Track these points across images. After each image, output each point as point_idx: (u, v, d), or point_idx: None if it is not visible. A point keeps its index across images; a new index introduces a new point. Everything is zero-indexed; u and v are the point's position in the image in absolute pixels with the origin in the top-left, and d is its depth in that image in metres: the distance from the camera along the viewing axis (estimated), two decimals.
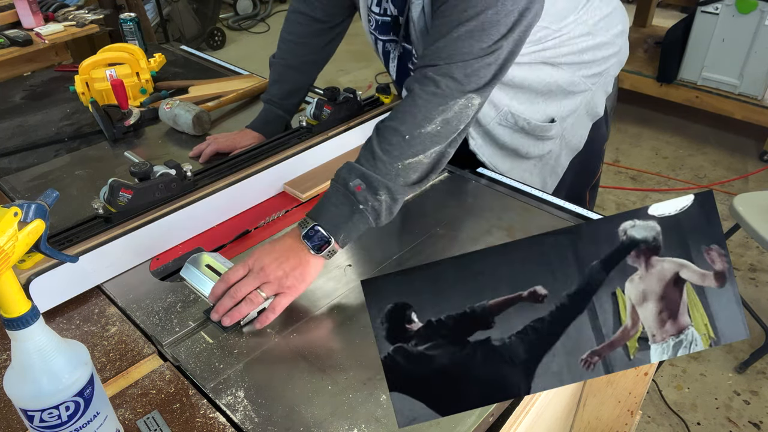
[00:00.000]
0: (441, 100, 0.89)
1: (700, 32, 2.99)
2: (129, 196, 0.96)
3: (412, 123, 0.89)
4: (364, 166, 0.89)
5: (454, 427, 0.71)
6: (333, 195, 0.90)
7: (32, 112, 1.57)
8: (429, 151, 0.90)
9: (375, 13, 1.15)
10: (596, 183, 1.45)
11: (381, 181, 0.88)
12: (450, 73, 0.88)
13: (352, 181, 0.88)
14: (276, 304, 0.86)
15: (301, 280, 0.87)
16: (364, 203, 0.88)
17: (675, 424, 1.81)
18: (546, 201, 1.13)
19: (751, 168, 3.02)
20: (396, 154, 0.89)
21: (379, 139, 0.91)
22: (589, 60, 1.18)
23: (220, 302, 0.86)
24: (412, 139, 0.89)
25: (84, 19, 2.33)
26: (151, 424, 0.73)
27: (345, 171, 0.90)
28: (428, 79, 0.89)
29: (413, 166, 0.90)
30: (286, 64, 1.32)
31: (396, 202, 0.90)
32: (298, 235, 0.89)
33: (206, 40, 4.70)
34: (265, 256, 0.87)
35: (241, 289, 0.85)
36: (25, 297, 0.58)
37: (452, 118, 0.90)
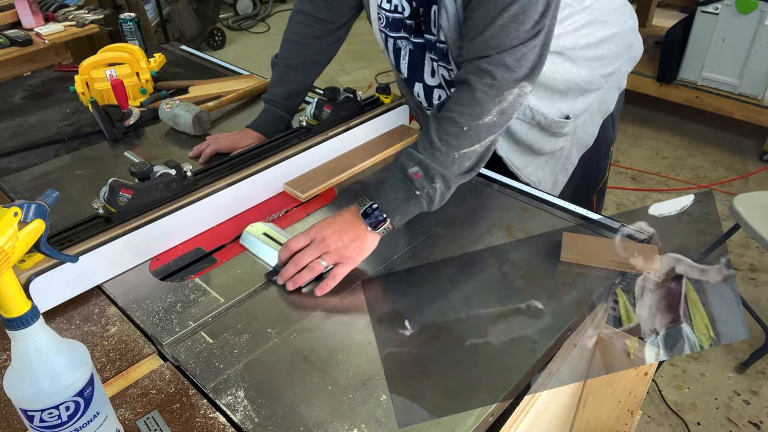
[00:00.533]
0: (497, 91, 0.93)
1: (700, 32, 2.99)
2: (129, 196, 0.96)
3: (471, 115, 0.93)
4: (422, 154, 0.94)
5: (454, 427, 0.71)
6: (391, 178, 0.96)
7: (32, 112, 1.57)
8: (484, 140, 0.96)
9: (385, 10, 1.15)
10: (603, 187, 1.45)
11: (437, 169, 0.94)
12: (502, 61, 0.92)
13: (410, 168, 0.94)
14: (336, 273, 0.92)
15: (358, 252, 0.93)
16: (421, 190, 0.94)
17: (675, 424, 1.81)
18: (546, 201, 1.14)
19: (751, 168, 3.02)
20: (454, 144, 0.94)
21: (438, 128, 0.95)
22: (605, 55, 1.19)
23: (285, 269, 0.93)
24: (470, 131, 0.94)
25: (84, 19, 2.33)
26: (151, 424, 0.73)
27: (404, 157, 0.96)
28: (483, 71, 0.93)
29: (468, 155, 0.95)
30: (290, 64, 1.32)
31: (449, 190, 0.97)
32: (356, 212, 0.95)
33: (206, 40, 4.70)
34: (325, 229, 0.94)
35: (304, 258, 0.92)
36: (25, 297, 0.58)
37: (507, 108, 0.95)
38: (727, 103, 3.05)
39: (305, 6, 1.29)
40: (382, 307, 0.90)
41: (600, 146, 1.34)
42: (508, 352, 0.81)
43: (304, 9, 1.29)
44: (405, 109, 1.36)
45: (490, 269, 0.96)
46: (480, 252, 1.00)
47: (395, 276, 0.96)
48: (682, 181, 2.95)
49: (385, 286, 0.94)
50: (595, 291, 0.92)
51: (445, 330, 0.85)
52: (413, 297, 0.91)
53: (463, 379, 0.77)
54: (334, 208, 1.13)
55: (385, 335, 0.84)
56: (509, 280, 0.94)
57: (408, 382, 0.77)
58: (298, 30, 1.30)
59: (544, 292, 0.91)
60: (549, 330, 0.85)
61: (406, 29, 1.15)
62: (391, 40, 1.19)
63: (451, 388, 0.76)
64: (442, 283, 0.94)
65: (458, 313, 0.88)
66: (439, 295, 0.91)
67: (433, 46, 1.11)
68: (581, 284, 0.93)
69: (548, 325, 0.86)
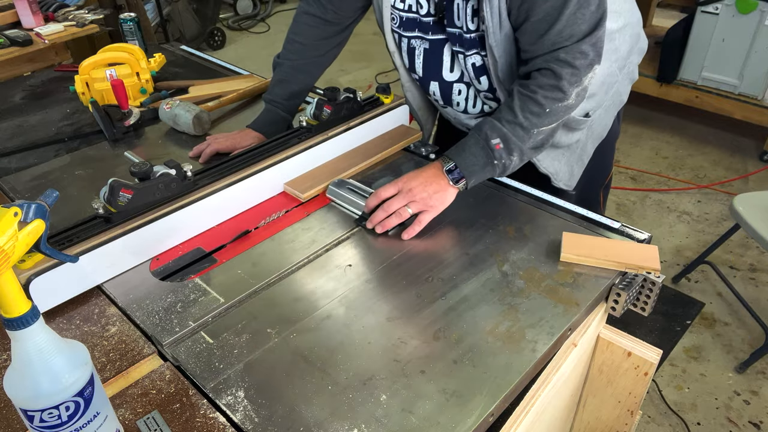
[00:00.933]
0: (577, 78, 1.01)
1: (700, 32, 2.99)
2: (129, 196, 0.96)
3: (553, 99, 1.02)
4: (506, 128, 1.03)
5: (454, 427, 0.71)
6: (473, 145, 1.05)
7: (32, 112, 1.57)
8: (560, 120, 1.05)
9: (399, 9, 1.15)
10: (608, 182, 1.46)
11: (517, 144, 1.03)
12: (579, 49, 1.00)
13: (493, 139, 1.03)
14: (421, 219, 1.03)
15: (441, 202, 1.05)
16: (499, 160, 1.04)
17: (675, 424, 1.81)
18: (546, 201, 1.14)
19: (751, 168, 3.02)
20: (535, 122, 1.03)
21: (522, 106, 1.03)
22: (619, 47, 1.21)
23: (375, 214, 1.05)
24: (551, 112, 1.03)
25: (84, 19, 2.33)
26: (151, 424, 0.73)
27: (488, 128, 1.04)
28: (562, 61, 1.00)
29: (545, 131, 1.05)
30: (293, 65, 1.32)
31: (522, 162, 1.07)
32: (440, 168, 1.06)
33: (206, 40, 4.70)
34: (412, 180, 1.05)
35: (393, 205, 1.03)
36: (25, 297, 0.58)
37: (581, 91, 1.04)
38: (727, 103, 3.05)
39: (311, 7, 1.29)
40: (382, 307, 0.90)
41: (608, 141, 1.36)
42: (508, 352, 0.81)
43: (310, 10, 1.29)
44: (405, 109, 1.36)
45: (490, 269, 0.96)
46: (480, 252, 1.00)
47: (395, 276, 0.96)
48: (682, 181, 2.95)
49: (385, 285, 0.94)
50: (595, 291, 0.92)
51: (445, 330, 0.85)
52: (413, 296, 0.91)
53: (463, 379, 0.77)
54: (334, 208, 1.13)
55: (386, 335, 0.84)
56: (509, 280, 0.94)
57: (408, 381, 0.77)
58: (302, 31, 1.30)
59: (544, 292, 0.91)
60: (549, 330, 0.85)
61: (422, 27, 1.15)
62: (405, 40, 1.19)
63: (451, 388, 0.76)
64: (442, 283, 0.94)
65: (458, 313, 0.88)
66: (440, 295, 0.91)
67: (458, 39, 1.11)
68: (581, 284, 0.93)
69: (548, 325, 0.86)
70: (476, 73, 1.14)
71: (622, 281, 0.95)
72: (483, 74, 1.14)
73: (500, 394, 0.75)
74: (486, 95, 1.18)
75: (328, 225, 1.09)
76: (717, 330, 2.12)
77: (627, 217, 2.72)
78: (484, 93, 1.18)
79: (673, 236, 2.59)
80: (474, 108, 1.23)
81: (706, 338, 2.09)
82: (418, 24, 1.15)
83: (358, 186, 1.14)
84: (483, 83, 1.16)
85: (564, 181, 1.31)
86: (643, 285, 0.96)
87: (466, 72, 1.16)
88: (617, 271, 0.95)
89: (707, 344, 2.07)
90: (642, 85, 3.22)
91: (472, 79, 1.16)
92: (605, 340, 1.03)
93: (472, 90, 1.20)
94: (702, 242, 2.53)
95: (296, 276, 0.97)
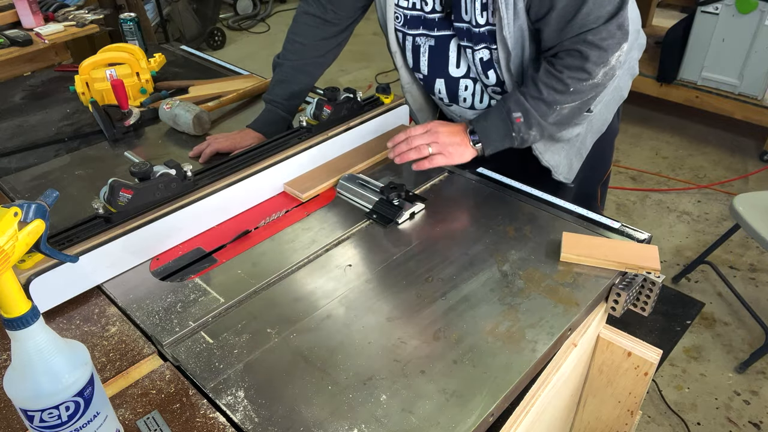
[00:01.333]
0: (605, 59, 1.03)
1: (700, 32, 2.99)
2: (129, 196, 0.96)
3: (578, 79, 1.04)
4: (528, 102, 1.07)
5: (454, 427, 0.71)
6: (496, 116, 1.10)
7: (32, 112, 1.57)
8: (586, 98, 1.08)
9: (403, 7, 1.15)
10: (607, 179, 1.46)
11: (537, 119, 1.07)
12: (606, 30, 1.01)
13: (515, 112, 1.08)
14: (434, 158, 1.10)
15: (459, 154, 1.11)
16: (517, 132, 1.09)
17: (675, 424, 1.81)
18: (546, 201, 1.14)
19: (751, 168, 3.02)
20: (558, 99, 1.06)
21: (547, 83, 1.06)
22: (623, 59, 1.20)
23: (398, 145, 1.11)
24: (575, 91, 1.06)
25: (84, 19, 2.33)
26: (151, 424, 0.73)
27: (512, 101, 1.08)
28: (589, 44, 1.02)
29: (568, 108, 1.08)
30: (293, 65, 1.32)
31: (543, 137, 1.12)
32: (465, 128, 1.12)
33: (206, 40, 4.70)
34: (441, 126, 1.12)
35: (416, 140, 1.10)
36: (25, 297, 0.58)
37: (610, 70, 1.05)
38: (727, 103, 3.05)
39: (311, 8, 1.28)
40: (382, 307, 0.90)
41: (608, 136, 1.36)
42: (508, 352, 0.81)
43: (310, 10, 1.29)
44: (405, 109, 1.36)
45: (490, 269, 0.96)
46: (480, 252, 1.00)
47: (395, 276, 0.96)
48: (682, 181, 2.95)
49: (385, 285, 0.94)
50: (595, 291, 0.92)
51: (445, 330, 0.85)
52: (413, 296, 0.91)
53: (463, 379, 0.77)
54: (334, 208, 1.13)
55: (386, 336, 0.84)
56: (509, 280, 0.94)
57: (408, 381, 0.77)
58: (302, 31, 1.30)
59: (544, 292, 0.91)
60: (549, 330, 0.85)
61: (426, 25, 1.15)
62: (409, 38, 1.19)
63: (451, 388, 0.76)
64: (442, 283, 0.94)
65: (458, 313, 0.88)
66: (440, 295, 0.91)
67: (466, 33, 1.12)
68: (581, 284, 0.93)
69: (548, 325, 0.86)
70: (484, 67, 1.14)
71: (622, 281, 0.95)
72: (491, 68, 1.15)
73: (500, 394, 0.75)
74: (494, 89, 1.19)
75: (328, 225, 1.09)
76: (717, 330, 2.12)
77: (627, 217, 2.72)
78: (491, 87, 1.18)
79: (673, 236, 2.59)
80: (481, 103, 1.23)
81: (706, 338, 2.09)
82: (423, 21, 1.15)
83: (368, 181, 1.16)
84: (491, 77, 1.16)
85: (563, 174, 1.32)
86: (643, 285, 0.96)
87: (473, 67, 1.16)
88: (617, 271, 0.95)
89: (707, 344, 2.07)
90: (642, 85, 3.22)
91: (479, 74, 1.17)
92: (605, 340, 1.03)
93: (479, 85, 1.20)
94: (702, 242, 2.53)
95: (296, 276, 0.97)
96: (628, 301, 0.96)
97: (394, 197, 1.09)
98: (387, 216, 1.08)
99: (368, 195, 1.13)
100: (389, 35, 1.22)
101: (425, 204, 1.12)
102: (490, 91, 1.20)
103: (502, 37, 1.07)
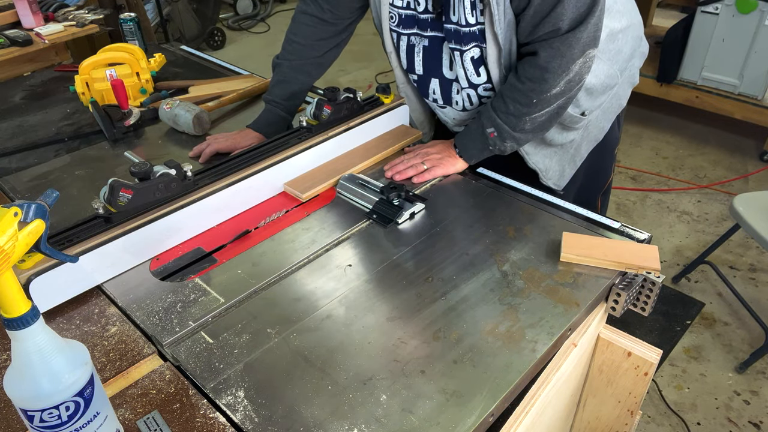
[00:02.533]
0: (564, 66, 1.05)
1: (700, 32, 2.99)
2: (129, 196, 0.96)
3: (539, 90, 1.07)
4: (499, 118, 1.13)
5: (454, 427, 0.71)
6: (474, 131, 1.19)
7: (32, 112, 1.57)
8: (553, 105, 1.10)
9: (397, 7, 1.15)
10: (608, 189, 1.45)
11: (510, 132, 1.14)
12: (575, 37, 1.02)
13: (488, 128, 1.15)
14: (432, 170, 1.20)
15: (452, 164, 1.21)
16: (494, 146, 1.17)
17: (675, 424, 1.81)
18: (546, 201, 1.14)
19: (751, 168, 3.02)
20: (525, 111, 1.10)
21: (512, 96, 1.11)
22: (622, 48, 1.22)
23: (395, 165, 1.22)
24: (539, 102, 1.09)
25: (84, 19, 2.33)
26: (151, 424, 0.73)
27: (485, 118, 1.16)
28: (554, 50, 1.04)
29: (538, 117, 1.11)
30: (292, 66, 1.31)
31: (519, 144, 1.18)
32: (451, 144, 1.24)
33: (206, 40, 4.70)
34: (429, 147, 1.24)
35: (411, 161, 1.21)
36: (25, 297, 0.58)
37: (574, 77, 1.07)
38: (727, 103, 3.05)
39: (308, 7, 1.28)
40: (382, 307, 0.90)
41: (607, 146, 1.35)
42: (508, 352, 0.81)
43: (307, 10, 1.28)
44: (405, 109, 1.36)
45: (490, 269, 0.96)
46: (480, 252, 1.00)
47: (395, 276, 0.96)
48: (682, 181, 2.95)
49: (385, 285, 0.94)
50: (595, 291, 0.92)
51: (445, 330, 0.85)
52: (413, 296, 0.91)
53: (463, 379, 0.77)
54: (334, 208, 1.13)
55: (386, 335, 0.84)
56: (509, 280, 0.94)
57: (408, 381, 0.77)
58: (301, 31, 1.30)
59: (544, 292, 0.91)
60: (549, 330, 0.85)
61: (420, 24, 1.15)
62: (404, 38, 1.19)
63: (451, 388, 0.76)
64: (443, 283, 0.94)
65: (458, 313, 0.88)
66: (440, 295, 0.91)
67: (454, 35, 1.11)
68: (581, 284, 0.93)
69: (548, 325, 0.86)
70: (475, 65, 1.14)
71: (622, 281, 0.95)
72: (481, 65, 1.14)
73: (500, 394, 0.75)
74: (485, 87, 1.18)
75: (328, 225, 1.09)
76: (717, 330, 2.12)
77: (627, 217, 2.72)
78: (482, 86, 1.18)
79: (673, 236, 2.59)
80: (471, 105, 1.23)
81: (706, 338, 2.09)
82: (417, 21, 1.15)
83: (368, 181, 1.17)
84: (482, 75, 1.16)
85: (554, 180, 1.32)
86: (643, 285, 0.96)
87: (464, 69, 1.16)
88: (617, 271, 0.95)
89: (707, 344, 2.07)
90: (642, 85, 3.20)
91: (470, 75, 1.16)
92: (605, 340, 1.03)
93: (469, 91, 1.20)
94: (702, 242, 2.53)
95: (296, 276, 0.97)
96: (628, 301, 0.96)
97: (394, 197, 1.09)
98: (387, 216, 1.08)
99: (368, 195, 1.13)
100: (384, 35, 1.22)
101: (425, 204, 1.12)
102: (481, 90, 1.19)
103: (494, 34, 1.07)
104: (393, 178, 1.19)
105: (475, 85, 1.18)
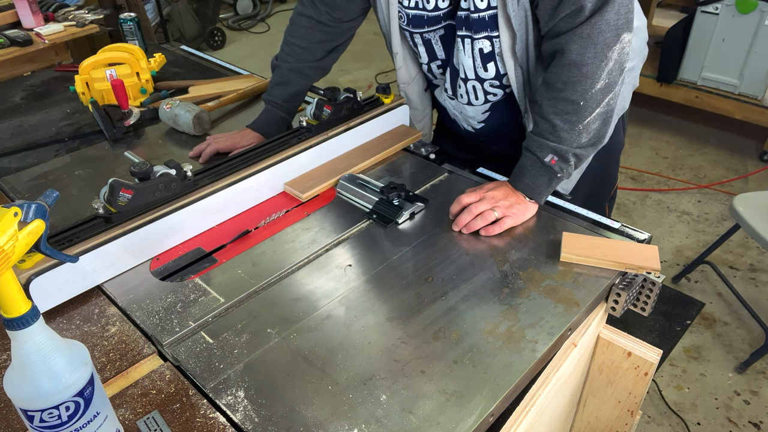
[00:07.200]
0: (601, 56, 0.96)
1: (700, 32, 2.99)
2: (129, 196, 0.96)
3: (582, 90, 0.99)
4: (550, 140, 1.03)
5: (454, 427, 0.71)
6: (531, 167, 1.06)
7: (32, 112, 1.57)
8: (603, 102, 1.01)
9: (406, 7, 1.14)
10: (614, 194, 1.45)
11: (569, 150, 1.03)
12: (603, 19, 0.94)
13: (545, 157, 1.04)
14: (503, 223, 1.04)
15: (522, 212, 1.07)
16: (560, 171, 1.05)
17: (675, 424, 1.81)
18: (546, 201, 1.13)
19: (751, 168, 3.02)
20: (575, 120, 1.01)
21: (555, 110, 1.02)
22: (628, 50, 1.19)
23: (460, 217, 1.05)
24: (585, 103, 1.00)
25: (84, 19, 2.33)
26: (151, 424, 0.73)
27: (536, 147, 1.05)
28: (584, 39, 0.96)
29: (591, 121, 1.02)
30: (290, 67, 1.31)
31: (582, 160, 1.07)
32: (512, 186, 1.09)
33: (206, 40, 4.70)
34: (494, 190, 1.08)
35: (479, 208, 1.05)
36: (25, 297, 0.58)
37: (614, 67, 0.98)
38: (727, 103, 3.05)
39: (306, 9, 1.28)
40: (382, 307, 0.90)
41: (612, 150, 1.33)
42: (508, 352, 0.81)
43: (304, 12, 1.28)
44: (405, 109, 1.36)
45: (490, 269, 0.96)
46: (480, 252, 1.00)
47: (395, 276, 0.96)
48: (682, 181, 2.95)
49: (385, 285, 0.94)
50: (595, 291, 0.92)
51: (445, 330, 0.85)
52: (413, 296, 0.91)
53: (463, 379, 0.77)
54: (334, 208, 1.13)
55: (386, 335, 0.84)
56: (509, 280, 0.94)
57: (408, 381, 0.77)
58: (298, 33, 1.29)
59: (544, 292, 0.91)
60: (549, 330, 0.85)
61: (430, 23, 1.14)
62: (417, 36, 1.18)
63: (451, 388, 0.76)
64: (443, 283, 0.94)
65: (458, 313, 0.88)
66: (440, 295, 0.91)
67: (464, 21, 1.09)
68: (581, 284, 0.93)
69: (548, 325, 0.86)
70: (483, 60, 1.13)
71: (622, 281, 0.95)
72: (491, 60, 1.13)
73: (500, 394, 0.75)
74: (492, 83, 1.17)
75: (328, 225, 1.09)
76: (717, 330, 2.12)
77: (627, 217, 2.72)
78: (489, 81, 1.17)
79: (673, 236, 2.59)
80: (477, 100, 1.22)
81: (706, 338, 2.09)
82: (426, 20, 1.14)
83: (368, 181, 1.17)
84: (490, 70, 1.14)
85: (562, 185, 1.31)
86: (643, 285, 0.96)
87: (472, 59, 1.14)
88: (617, 271, 0.95)
89: (707, 344, 2.07)
90: (642, 85, 3.21)
91: (477, 67, 1.15)
92: (605, 340, 1.03)
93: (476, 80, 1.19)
94: (702, 242, 2.53)
95: (296, 276, 0.97)
96: (628, 301, 0.96)
97: (394, 197, 1.09)
98: (387, 216, 1.08)
99: (368, 195, 1.13)
100: (393, 35, 1.22)
101: (425, 204, 1.12)
102: (487, 85, 1.18)
103: (507, 18, 1.03)
104: (461, 232, 1.05)
105: (482, 79, 1.17)
